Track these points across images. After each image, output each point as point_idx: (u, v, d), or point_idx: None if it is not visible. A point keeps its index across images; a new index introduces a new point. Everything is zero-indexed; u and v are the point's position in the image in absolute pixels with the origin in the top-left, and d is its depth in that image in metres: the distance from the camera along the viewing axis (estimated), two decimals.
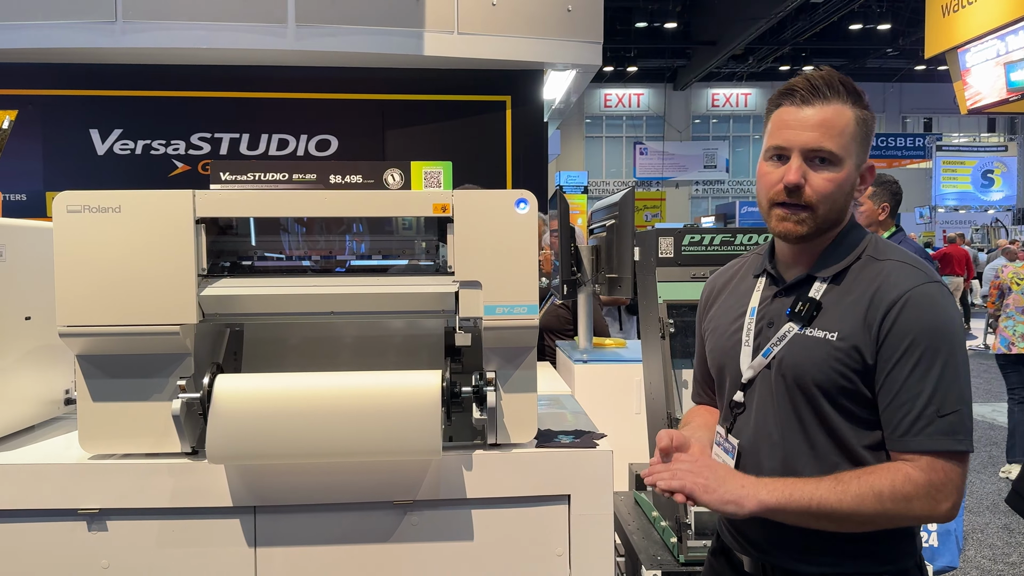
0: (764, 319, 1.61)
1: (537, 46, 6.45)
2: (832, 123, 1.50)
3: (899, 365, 1.43)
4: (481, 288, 1.89)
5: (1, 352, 2.04)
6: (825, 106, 1.51)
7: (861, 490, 1.40)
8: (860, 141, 1.53)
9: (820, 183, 1.51)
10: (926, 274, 1.48)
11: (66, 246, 1.83)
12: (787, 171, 1.52)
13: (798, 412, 1.52)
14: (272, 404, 1.83)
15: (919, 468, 1.41)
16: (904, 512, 1.41)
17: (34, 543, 1.90)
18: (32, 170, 6.43)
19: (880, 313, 1.45)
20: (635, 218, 3.11)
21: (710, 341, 1.75)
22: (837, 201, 1.53)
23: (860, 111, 1.53)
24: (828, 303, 1.52)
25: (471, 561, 1.96)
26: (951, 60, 11.70)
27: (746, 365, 1.60)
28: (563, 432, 2.11)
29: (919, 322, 1.43)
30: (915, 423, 1.41)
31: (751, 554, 1.64)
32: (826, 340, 1.49)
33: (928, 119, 32.80)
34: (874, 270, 1.51)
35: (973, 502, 5.72)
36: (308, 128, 6.76)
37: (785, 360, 1.53)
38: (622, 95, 31.88)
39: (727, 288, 1.77)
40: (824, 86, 1.51)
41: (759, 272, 1.68)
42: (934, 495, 1.41)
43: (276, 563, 1.92)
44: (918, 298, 1.44)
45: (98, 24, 5.91)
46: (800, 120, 1.51)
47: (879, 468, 1.44)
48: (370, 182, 1.99)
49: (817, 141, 1.50)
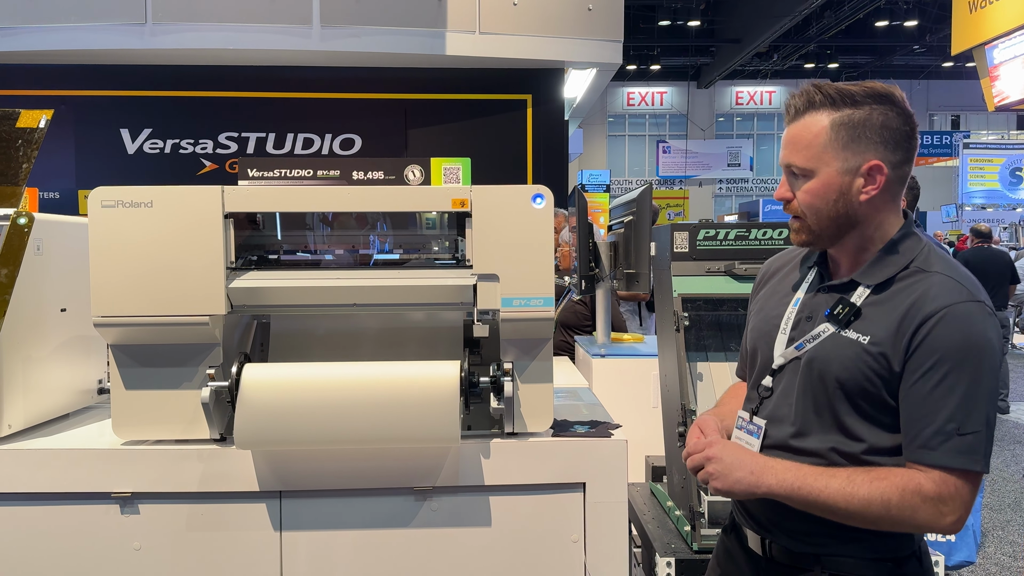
0: (804, 311, 1.64)
1: (557, 45, 6.49)
2: (798, 137, 1.55)
3: (924, 378, 1.44)
4: (499, 281, 1.95)
5: (38, 342, 2.13)
6: (795, 122, 1.57)
7: (871, 495, 1.44)
8: (844, 144, 1.52)
9: (800, 195, 1.58)
10: (970, 292, 1.47)
11: (101, 239, 1.90)
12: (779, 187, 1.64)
13: (816, 406, 1.56)
14: (297, 393, 1.90)
15: (931, 480, 1.43)
16: (908, 519, 1.45)
17: (70, 525, 1.98)
18: (65, 169, 6.58)
19: (914, 324, 1.46)
20: (659, 217, 3.14)
21: (753, 320, 1.79)
22: (822, 209, 1.55)
23: (845, 112, 1.52)
24: (867, 309, 1.53)
25: (488, 546, 2.01)
26: (978, 57, 11.56)
27: (779, 352, 1.64)
28: (579, 422, 2.16)
29: (951, 339, 1.43)
30: (933, 437, 1.43)
31: (755, 530, 1.69)
32: (858, 342, 1.51)
33: (955, 116, 32.38)
34: (919, 281, 1.50)
35: (995, 499, 5.69)
36: (332, 127, 6.86)
37: (816, 356, 1.56)
38: (645, 93, 31.77)
39: (780, 272, 1.80)
40: (798, 103, 1.57)
41: (810, 264, 1.70)
42: (941, 508, 1.43)
43: (301, 546, 1.99)
44: (955, 315, 1.44)
45: (129, 26, 6.04)
46: (783, 138, 1.60)
47: (891, 474, 1.46)
48: (391, 178, 2.05)
49: (786, 158, 1.58)
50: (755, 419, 1.67)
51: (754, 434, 1.66)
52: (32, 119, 2.30)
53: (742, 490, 1.53)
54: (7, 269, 2.01)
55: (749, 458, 1.56)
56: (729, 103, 32.29)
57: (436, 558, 2.01)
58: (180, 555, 1.98)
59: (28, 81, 6.56)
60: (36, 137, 2.27)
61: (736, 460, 1.56)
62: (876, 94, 1.52)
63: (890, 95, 1.53)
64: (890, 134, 1.51)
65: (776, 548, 1.64)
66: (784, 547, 1.62)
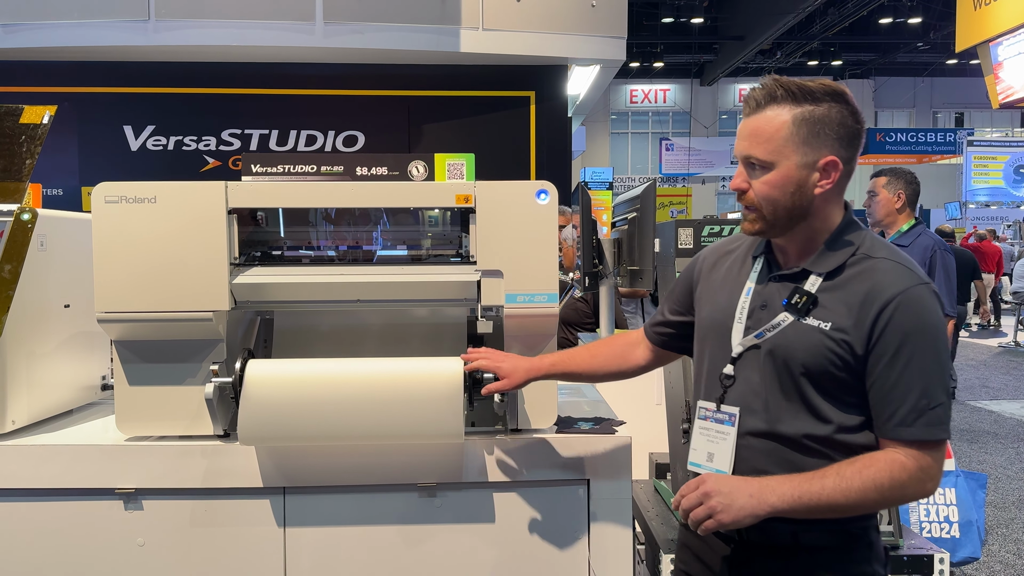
0: (758, 300, 1.68)
1: (561, 42, 6.48)
2: (760, 130, 1.59)
3: (892, 362, 1.53)
4: (502, 277, 1.94)
5: (41, 339, 2.13)
6: (757, 115, 1.61)
7: (864, 485, 1.51)
8: (805, 139, 1.57)
9: (757, 186, 1.62)
10: (917, 275, 1.58)
11: (104, 235, 1.90)
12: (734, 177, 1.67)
13: (784, 392, 1.62)
14: (301, 389, 1.90)
15: (911, 456, 1.52)
16: (899, 496, 1.56)
17: (73, 521, 1.98)
18: (68, 166, 6.58)
19: (874, 311, 1.54)
20: (661, 214, 3.14)
21: (703, 309, 1.81)
22: (779, 200, 1.60)
23: (807, 108, 1.57)
24: (823, 296, 1.60)
25: (492, 542, 2.01)
26: (983, 54, 11.53)
27: (736, 341, 1.68)
28: (583, 419, 2.16)
29: (910, 322, 1.53)
30: (908, 415, 1.52)
31: None
32: (819, 328, 1.57)
33: (959, 114, 32.32)
34: (868, 267, 1.59)
35: (999, 497, 5.68)
36: (335, 124, 6.86)
37: (778, 344, 1.62)
38: (648, 91, 31.74)
39: (722, 264, 1.83)
40: (759, 95, 1.61)
41: (757, 254, 1.75)
42: (923, 479, 1.53)
43: (305, 542, 1.99)
44: (910, 299, 1.54)
45: (132, 23, 6.04)
46: (740, 131, 1.64)
47: (874, 460, 1.54)
48: (395, 174, 2.05)
49: (746, 149, 1.62)
50: (724, 408, 1.69)
51: (726, 422, 1.69)
52: (35, 115, 2.30)
53: (747, 515, 1.54)
54: (11, 265, 2.01)
55: (743, 483, 1.57)
56: (732, 100, 32.24)
57: (440, 554, 2.01)
58: (184, 551, 1.98)
59: (31, 78, 6.57)
60: (39, 133, 2.27)
61: (734, 487, 1.56)
62: (833, 91, 1.59)
63: (844, 93, 1.60)
64: (845, 131, 1.59)
65: (751, 529, 1.65)
66: (761, 528, 1.63)
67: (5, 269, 2.01)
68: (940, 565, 2.25)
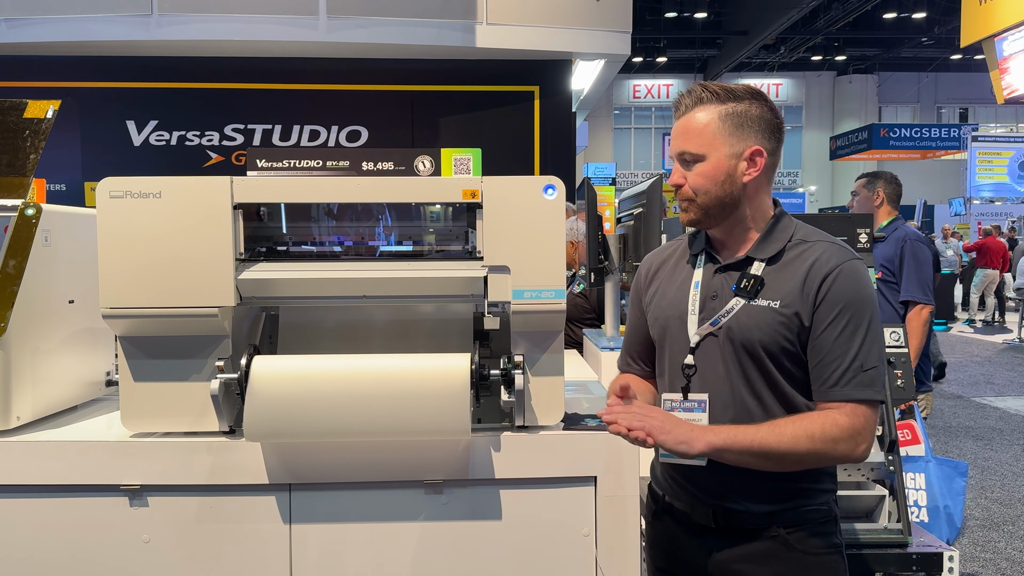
0: (708, 292, 1.80)
1: (565, 36, 6.46)
2: (690, 128, 1.75)
3: (830, 327, 1.66)
4: (509, 273, 1.93)
5: (46, 334, 2.12)
6: (686, 115, 1.76)
7: (796, 432, 1.62)
8: (731, 131, 1.73)
9: (692, 178, 1.76)
10: (851, 253, 1.73)
11: (109, 230, 1.89)
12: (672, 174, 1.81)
13: (745, 372, 1.73)
14: (307, 385, 1.89)
15: (844, 414, 1.64)
16: (830, 451, 1.63)
17: (78, 518, 1.97)
18: (71, 161, 6.57)
19: (816, 283, 1.68)
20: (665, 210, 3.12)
21: (653, 312, 1.90)
22: (712, 189, 1.74)
23: (730, 105, 1.73)
24: (768, 279, 1.73)
25: (499, 540, 2.00)
26: (988, 49, 11.49)
27: (693, 331, 1.78)
28: (590, 416, 2.15)
29: (848, 291, 1.67)
30: (843, 376, 1.65)
31: (702, 501, 1.79)
32: (770, 308, 1.70)
33: (964, 109, 32.21)
34: (807, 250, 1.74)
35: (1004, 494, 5.67)
36: (339, 119, 6.84)
37: (733, 327, 1.73)
38: (651, 86, 31.66)
39: (666, 265, 1.93)
40: (688, 100, 1.77)
41: (698, 251, 1.86)
42: (855, 438, 1.64)
43: (310, 539, 1.98)
44: (847, 272, 1.68)
45: (134, 17, 6.03)
46: (673, 132, 1.80)
47: (810, 415, 1.67)
48: (401, 169, 2.03)
49: (680, 146, 1.77)
50: (692, 396, 1.77)
51: (695, 409, 1.76)
52: (39, 109, 2.28)
53: (682, 441, 1.60)
54: (15, 260, 2.00)
55: (685, 422, 1.66)
56: None
57: (446, 552, 2.00)
58: (189, 548, 1.97)
59: (34, 73, 6.55)
60: (43, 128, 2.26)
61: (678, 422, 1.65)
62: (753, 92, 1.76)
63: (763, 93, 1.78)
64: (766, 124, 1.75)
65: (726, 516, 1.76)
66: (737, 512, 1.75)
67: (9, 265, 2.00)
68: (949, 563, 2.23)
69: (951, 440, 7.09)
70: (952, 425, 7.65)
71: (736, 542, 1.76)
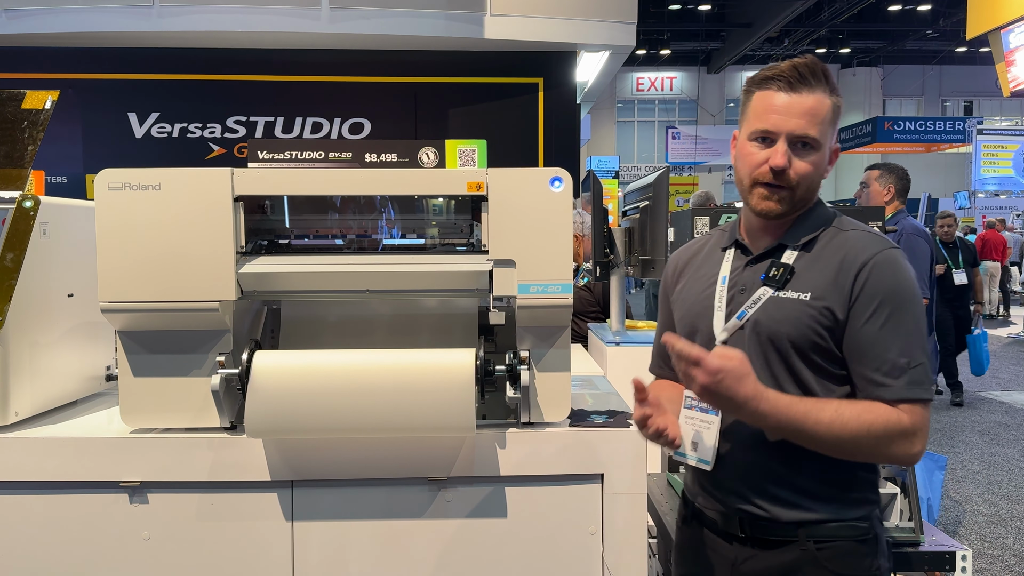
0: (736, 286, 1.70)
1: (570, 27, 6.41)
2: (816, 111, 1.60)
3: (870, 322, 1.55)
4: (515, 267, 1.89)
5: (45, 328, 2.09)
6: (811, 94, 1.60)
7: (859, 429, 1.50)
8: (833, 126, 1.64)
9: (802, 167, 1.62)
10: (888, 242, 1.63)
11: (107, 223, 1.86)
12: (774, 154, 1.61)
13: (771, 369, 1.62)
14: (309, 380, 1.85)
15: (906, 413, 1.52)
16: (885, 450, 1.54)
17: (78, 515, 1.94)
18: (72, 153, 6.55)
19: (852, 274, 1.57)
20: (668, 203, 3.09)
21: (680, 309, 1.83)
22: (814, 182, 1.65)
23: (835, 99, 1.63)
24: (800, 268, 1.63)
25: (504, 538, 1.97)
26: (993, 41, 11.41)
27: (719, 328, 1.68)
28: (596, 412, 2.11)
29: (886, 283, 1.56)
30: (889, 374, 1.53)
31: (727, 509, 1.69)
32: (800, 300, 1.60)
33: (968, 102, 32.08)
34: (841, 238, 1.64)
35: (1012, 490, 5.63)
36: (341, 111, 6.81)
37: (760, 320, 1.62)
38: (655, 78, 31.57)
39: (693, 262, 1.86)
40: (810, 74, 1.60)
41: (728, 245, 1.77)
42: (912, 439, 1.53)
43: (313, 536, 1.95)
44: (884, 261, 1.57)
45: (136, 8, 5.99)
46: (787, 107, 1.60)
47: (875, 407, 1.53)
48: (405, 160, 2.00)
49: (804, 128, 1.60)
50: None
51: (710, 411, 1.67)
52: (38, 100, 2.25)
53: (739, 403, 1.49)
54: (13, 253, 1.97)
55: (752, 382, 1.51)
56: (739, 88, 31.90)
57: (450, 549, 1.97)
58: (190, 545, 1.94)
59: (35, 64, 6.52)
60: (42, 119, 2.22)
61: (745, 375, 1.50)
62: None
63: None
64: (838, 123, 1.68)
65: (753, 524, 1.65)
66: (763, 521, 1.64)
67: (7, 258, 1.96)
68: (963, 562, 2.20)
69: (956, 435, 7.06)
70: (957, 420, 7.61)
71: (763, 552, 1.65)
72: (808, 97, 1.59)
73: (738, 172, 1.69)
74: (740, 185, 1.70)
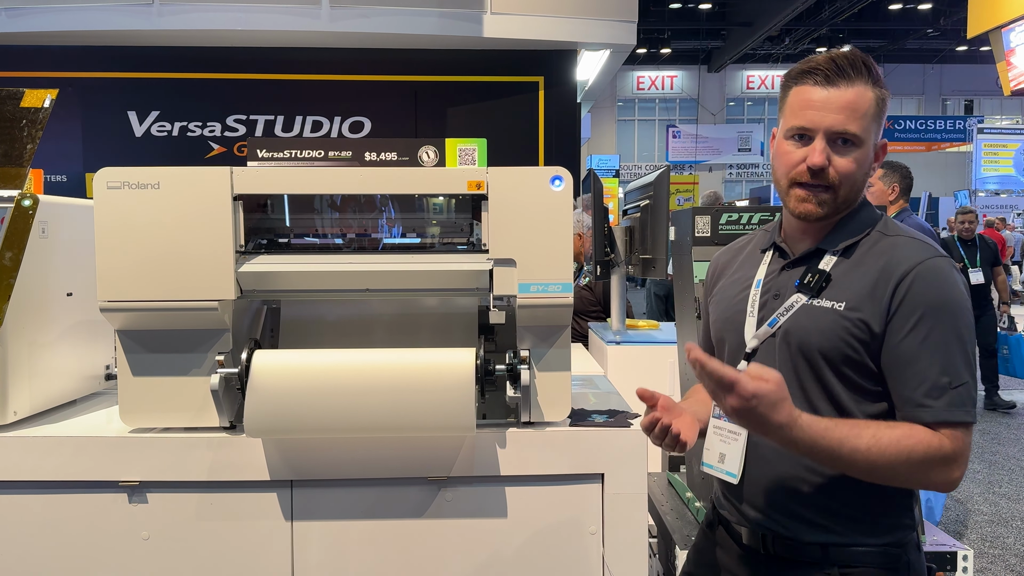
0: (770, 291, 1.61)
1: (571, 25, 6.40)
2: (856, 105, 1.50)
3: (910, 336, 1.43)
4: (515, 266, 1.89)
5: (44, 327, 2.08)
6: (850, 87, 1.50)
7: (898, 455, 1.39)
8: (877, 120, 1.53)
9: (844, 164, 1.51)
10: (935, 249, 1.50)
11: (106, 222, 1.85)
12: (811, 152, 1.51)
13: (801, 380, 1.52)
14: (309, 380, 1.85)
15: (947, 438, 1.41)
16: (922, 478, 1.43)
17: (77, 514, 1.94)
18: (72, 152, 6.54)
19: (891, 285, 1.45)
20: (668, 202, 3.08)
21: (715, 312, 1.75)
22: (857, 181, 1.54)
23: (879, 91, 1.52)
24: (837, 275, 1.52)
25: (504, 538, 1.96)
26: (994, 40, 11.39)
27: (750, 335, 1.60)
28: (596, 411, 2.11)
29: (929, 294, 1.44)
30: (929, 394, 1.42)
31: (751, 523, 1.62)
32: (834, 310, 1.49)
33: (969, 101, 32.06)
34: (884, 244, 1.52)
35: (1013, 489, 5.63)
36: (342, 110, 6.80)
37: (791, 329, 1.53)
38: (655, 77, 31.55)
39: (733, 263, 1.78)
40: (848, 66, 1.50)
41: (767, 246, 1.68)
42: (952, 465, 1.42)
43: (312, 536, 1.95)
44: (927, 271, 1.45)
45: (136, 7, 5.98)
46: (825, 101, 1.50)
47: (916, 431, 1.42)
48: (405, 159, 2.00)
49: (843, 124, 1.50)
50: None
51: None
52: (37, 99, 2.24)
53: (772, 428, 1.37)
54: (12, 252, 1.96)
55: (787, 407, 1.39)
56: (740, 87, 32.05)
57: (450, 549, 1.96)
58: (189, 545, 1.94)
59: (34, 63, 6.51)
60: (41, 117, 2.22)
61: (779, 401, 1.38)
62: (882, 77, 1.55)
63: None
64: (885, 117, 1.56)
65: (779, 543, 1.57)
66: (786, 539, 1.56)
67: (6, 256, 1.96)
68: (964, 562, 2.19)
69: None
70: None
71: (784, 573, 1.56)
72: (847, 91, 1.49)
73: (775, 172, 1.61)
74: (778, 186, 1.61)
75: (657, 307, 6.36)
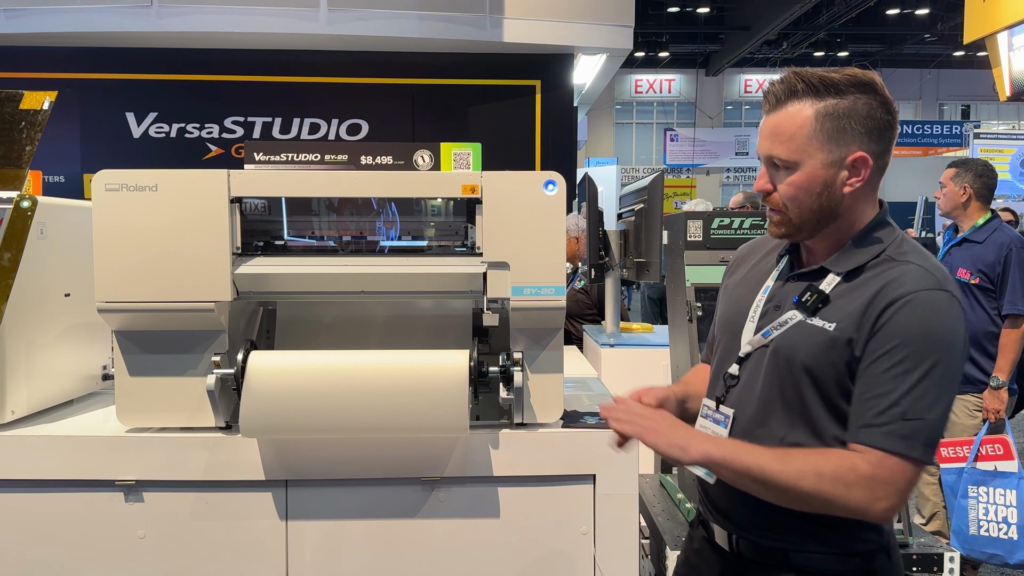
0: (772, 300, 1.60)
1: (568, 30, 6.42)
2: (781, 128, 1.49)
3: (879, 361, 1.40)
4: (509, 269, 1.91)
5: (42, 328, 2.10)
6: (777, 112, 1.51)
7: (804, 467, 1.39)
8: (830, 135, 1.46)
9: (782, 188, 1.52)
10: (939, 280, 1.44)
11: (104, 223, 1.87)
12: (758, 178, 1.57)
13: (783, 394, 1.52)
14: (304, 380, 1.87)
15: (867, 461, 1.38)
16: (840, 498, 1.38)
17: (73, 513, 1.96)
18: (70, 153, 6.55)
19: (878, 309, 1.42)
20: (666, 205, 3.10)
21: (723, 303, 1.75)
22: (805, 202, 1.50)
23: (830, 102, 1.47)
24: (835, 296, 1.50)
25: (497, 538, 1.99)
26: (991, 45, 11.43)
27: (746, 340, 1.60)
28: (588, 413, 2.13)
29: (913, 326, 1.39)
30: (877, 417, 1.39)
31: (721, 524, 1.64)
32: (823, 329, 1.47)
33: (966, 106, 32.12)
34: (889, 270, 1.47)
35: None
36: (339, 112, 6.81)
37: (781, 344, 1.53)
38: (653, 81, 31.56)
39: (753, 256, 1.77)
40: (779, 91, 1.50)
41: (784, 252, 1.67)
42: (875, 491, 1.37)
43: (306, 536, 1.96)
44: (920, 302, 1.40)
45: (134, 8, 5.99)
46: (762, 128, 1.54)
47: (828, 451, 1.43)
48: (400, 163, 2.01)
49: (767, 149, 1.52)
50: (722, 408, 1.62)
51: (721, 423, 1.62)
52: (35, 100, 2.26)
53: (675, 445, 1.45)
54: (10, 253, 1.98)
55: (686, 427, 1.52)
56: (738, 91, 32.08)
57: (443, 549, 1.98)
58: (185, 544, 1.96)
59: (33, 64, 6.52)
60: (39, 119, 2.24)
61: (675, 425, 1.51)
62: (859, 82, 1.48)
63: (872, 83, 1.49)
64: (874, 124, 1.47)
65: (744, 544, 1.59)
66: (752, 542, 1.58)
67: (4, 257, 1.98)
68: (950, 564, 2.22)
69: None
70: None
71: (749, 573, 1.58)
72: (774, 115, 1.50)
73: None
74: None
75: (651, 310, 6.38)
